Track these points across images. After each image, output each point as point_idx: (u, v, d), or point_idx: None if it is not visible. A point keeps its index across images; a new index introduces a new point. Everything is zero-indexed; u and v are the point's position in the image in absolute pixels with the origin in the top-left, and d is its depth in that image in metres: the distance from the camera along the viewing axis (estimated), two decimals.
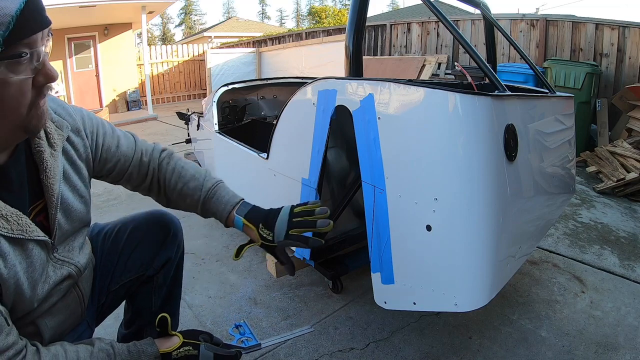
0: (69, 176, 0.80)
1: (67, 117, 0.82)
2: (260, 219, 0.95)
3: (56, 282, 0.76)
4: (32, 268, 0.70)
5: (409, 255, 1.16)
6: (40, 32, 0.62)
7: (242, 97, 3.15)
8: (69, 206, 0.79)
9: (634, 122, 3.67)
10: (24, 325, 0.73)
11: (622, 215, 2.62)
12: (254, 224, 0.95)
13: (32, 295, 0.70)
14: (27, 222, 0.68)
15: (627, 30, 4.21)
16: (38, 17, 0.61)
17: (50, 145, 0.76)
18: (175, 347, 0.82)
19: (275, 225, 0.94)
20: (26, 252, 0.69)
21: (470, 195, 1.03)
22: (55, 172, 0.75)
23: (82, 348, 0.73)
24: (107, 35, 8.12)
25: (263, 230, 0.94)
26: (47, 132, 0.76)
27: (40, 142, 0.74)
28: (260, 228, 0.94)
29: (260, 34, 15.22)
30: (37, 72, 0.63)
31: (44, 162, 0.74)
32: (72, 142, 0.82)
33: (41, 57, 0.62)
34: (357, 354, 1.38)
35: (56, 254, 0.76)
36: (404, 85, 1.12)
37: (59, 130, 0.79)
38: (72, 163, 0.82)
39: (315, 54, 6.60)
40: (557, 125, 1.55)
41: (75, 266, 0.81)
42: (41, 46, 0.62)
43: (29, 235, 0.68)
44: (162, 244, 1.05)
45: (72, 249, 0.81)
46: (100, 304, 1.01)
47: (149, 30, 30.27)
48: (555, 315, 1.58)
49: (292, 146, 1.65)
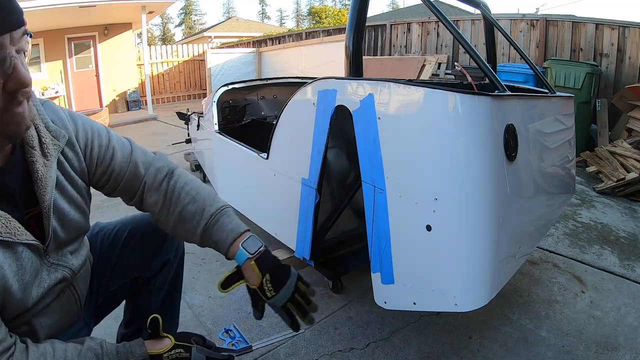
0: (63, 187, 0.79)
1: (63, 128, 0.80)
2: (268, 269, 0.87)
3: (50, 285, 0.76)
4: (22, 270, 0.69)
5: (409, 255, 1.16)
6: (7, 34, 0.58)
7: (242, 97, 3.15)
8: (65, 216, 0.78)
9: (634, 122, 3.67)
10: (19, 325, 0.73)
11: (622, 215, 2.62)
12: (260, 271, 0.87)
13: (25, 297, 0.70)
14: (15, 225, 0.68)
15: (627, 30, 4.21)
16: (3, 16, 0.57)
17: (44, 155, 0.74)
18: (167, 350, 0.80)
19: (282, 289, 0.87)
20: (16, 254, 0.69)
21: (470, 195, 1.03)
22: (47, 182, 0.74)
23: (71, 347, 0.73)
24: (107, 35, 8.12)
25: (267, 284, 0.86)
26: (42, 142, 0.74)
27: (32, 152, 0.73)
28: (266, 280, 0.86)
29: (260, 34, 15.22)
30: (7, 77, 0.59)
31: (37, 172, 0.73)
32: (66, 156, 0.81)
33: (9, 61, 0.58)
34: (357, 354, 1.38)
35: (49, 259, 0.76)
36: (404, 85, 1.12)
37: (55, 140, 0.77)
38: (66, 175, 0.80)
39: (315, 54, 6.60)
40: (557, 125, 1.55)
41: (70, 269, 0.81)
42: (11, 49, 0.59)
43: (17, 239, 0.68)
44: (161, 245, 1.04)
45: (64, 253, 0.81)
46: (98, 303, 1.00)
47: (149, 30, 30.27)
48: (555, 315, 1.58)
49: (292, 146, 1.65)
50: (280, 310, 0.89)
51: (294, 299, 0.88)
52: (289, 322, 0.89)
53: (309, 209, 1.55)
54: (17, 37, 0.60)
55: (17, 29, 0.60)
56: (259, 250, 0.88)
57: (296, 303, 0.89)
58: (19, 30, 0.60)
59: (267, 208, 1.97)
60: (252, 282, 0.88)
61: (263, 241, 0.91)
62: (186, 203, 0.91)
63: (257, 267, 0.87)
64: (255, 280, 0.87)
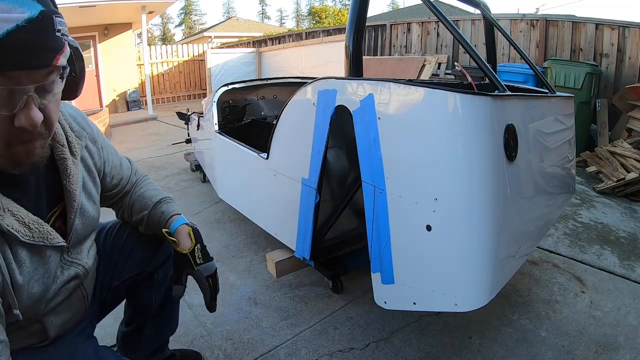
0: (85, 183, 0.83)
1: (85, 127, 0.86)
2: (200, 241, 0.96)
3: (63, 282, 0.77)
4: (48, 274, 0.71)
5: (409, 255, 1.16)
6: (24, 70, 0.54)
7: (242, 97, 3.15)
8: (85, 212, 0.81)
9: (634, 122, 3.67)
10: (30, 324, 0.74)
11: (622, 215, 2.62)
12: (195, 239, 0.96)
13: (43, 298, 0.72)
14: (47, 229, 0.70)
15: (627, 30, 4.21)
16: (25, 52, 0.53)
17: (72, 153, 0.78)
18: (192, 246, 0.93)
19: (210, 261, 0.96)
20: (44, 258, 0.70)
21: (470, 195, 1.03)
22: (77, 178, 0.78)
23: None
24: (107, 35, 8.11)
25: (198, 252, 0.95)
26: (69, 140, 0.78)
27: (63, 150, 0.76)
28: (197, 249, 0.95)
29: (260, 34, 15.22)
30: (19, 111, 0.57)
31: (68, 168, 0.76)
32: (90, 151, 0.86)
33: (18, 97, 0.55)
34: (357, 354, 1.38)
35: (66, 256, 0.78)
36: (404, 85, 1.12)
37: (78, 139, 0.81)
38: (89, 171, 0.85)
39: (315, 54, 6.60)
40: (557, 125, 1.55)
41: (83, 267, 0.82)
42: (28, 86, 0.56)
43: (49, 242, 0.70)
44: (162, 241, 1.06)
45: (81, 250, 0.82)
46: (102, 300, 1.01)
47: (149, 30, 30.27)
48: (555, 315, 1.58)
49: (292, 146, 1.65)
50: (204, 281, 0.94)
51: (215, 280, 0.96)
52: (209, 297, 0.96)
53: (309, 209, 1.55)
54: (39, 75, 0.57)
55: (36, 68, 0.56)
56: (194, 225, 0.99)
57: (215, 285, 0.96)
58: (42, 70, 0.57)
59: (267, 208, 1.97)
60: (185, 246, 0.95)
61: None
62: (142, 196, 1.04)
63: (193, 234, 0.96)
64: (189, 245, 0.95)
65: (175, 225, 0.97)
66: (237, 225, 2.45)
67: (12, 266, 0.64)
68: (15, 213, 0.65)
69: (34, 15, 0.53)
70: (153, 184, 1.09)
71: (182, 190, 3.18)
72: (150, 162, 4.09)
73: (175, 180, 3.44)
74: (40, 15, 0.54)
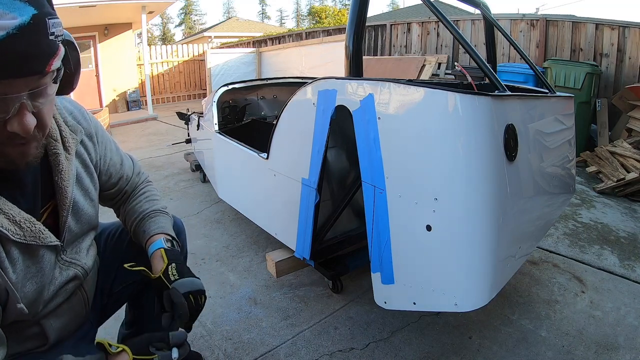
0: (81, 179, 0.81)
1: (82, 121, 0.83)
2: (175, 260, 0.87)
3: (62, 283, 0.76)
4: (41, 273, 0.70)
5: (409, 255, 1.16)
6: (18, 78, 0.53)
7: (242, 97, 3.15)
8: (80, 209, 0.79)
9: (634, 122, 3.67)
10: (29, 326, 0.73)
11: (622, 215, 2.62)
12: (167, 258, 0.86)
13: (39, 298, 0.71)
14: (40, 228, 0.69)
15: (627, 30, 4.21)
16: (17, 61, 0.52)
17: (65, 148, 0.76)
18: None
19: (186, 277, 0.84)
20: (37, 257, 0.69)
21: (470, 195, 1.03)
22: (69, 174, 0.76)
23: None
24: (107, 35, 8.10)
25: (172, 270, 0.84)
26: (63, 135, 0.76)
27: (56, 145, 0.74)
28: (171, 267, 0.84)
29: (260, 34, 15.23)
30: (12, 117, 0.56)
31: (60, 164, 0.74)
32: (85, 146, 0.83)
33: (14, 106, 0.55)
34: (357, 354, 1.38)
35: (64, 256, 0.76)
36: (404, 85, 1.12)
37: (73, 134, 0.79)
38: (85, 166, 0.83)
39: (315, 54, 6.59)
40: (557, 125, 1.55)
41: (82, 267, 0.81)
42: (22, 92, 0.55)
43: (41, 242, 0.68)
44: None
45: (79, 250, 0.81)
46: (103, 304, 1.00)
47: (149, 30, 30.27)
48: (555, 315, 1.58)
49: (292, 146, 1.65)
50: (181, 299, 0.80)
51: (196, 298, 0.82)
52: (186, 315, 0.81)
53: (309, 209, 1.55)
54: (32, 81, 0.56)
55: (29, 76, 0.55)
56: (172, 247, 0.92)
57: (196, 303, 0.82)
58: (35, 76, 0.55)
59: (267, 208, 1.97)
60: (156, 270, 0.85)
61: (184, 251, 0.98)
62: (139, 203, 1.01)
63: (166, 254, 0.87)
64: (161, 266, 0.85)
65: (152, 250, 0.90)
66: (237, 225, 2.45)
67: (5, 264, 0.64)
68: (6, 211, 0.64)
69: (25, 21, 0.51)
70: (152, 191, 1.05)
71: (182, 190, 3.18)
72: (150, 162, 4.09)
73: (175, 180, 3.44)
74: (32, 21, 0.52)
